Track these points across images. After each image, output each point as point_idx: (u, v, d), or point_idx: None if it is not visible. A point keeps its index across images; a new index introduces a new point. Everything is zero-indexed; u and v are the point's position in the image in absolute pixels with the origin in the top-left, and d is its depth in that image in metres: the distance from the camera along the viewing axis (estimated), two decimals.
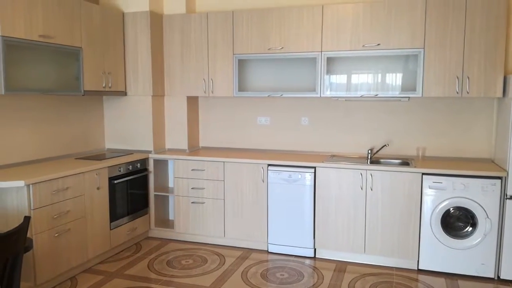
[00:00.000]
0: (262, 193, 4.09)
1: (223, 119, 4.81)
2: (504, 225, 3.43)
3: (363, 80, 4.14)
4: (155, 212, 4.54)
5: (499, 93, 3.60)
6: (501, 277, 3.50)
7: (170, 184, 4.81)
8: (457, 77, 3.67)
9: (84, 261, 3.62)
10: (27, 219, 1.99)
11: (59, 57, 3.65)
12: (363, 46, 3.87)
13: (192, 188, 4.32)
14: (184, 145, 4.65)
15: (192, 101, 4.74)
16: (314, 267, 3.81)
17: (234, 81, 4.33)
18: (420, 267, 3.70)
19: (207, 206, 4.29)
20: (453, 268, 3.60)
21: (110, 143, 4.66)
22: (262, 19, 4.16)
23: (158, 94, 4.52)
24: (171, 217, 4.82)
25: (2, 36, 3.04)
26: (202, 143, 4.93)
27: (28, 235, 3.03)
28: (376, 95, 3.93)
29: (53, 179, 3.23)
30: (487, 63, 3.60)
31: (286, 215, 4.02)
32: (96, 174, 3.71)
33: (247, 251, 4.17)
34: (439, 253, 3.61)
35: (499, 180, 3.44)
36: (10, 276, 1.97)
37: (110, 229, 3.90)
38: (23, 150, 3.66)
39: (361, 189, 3.77)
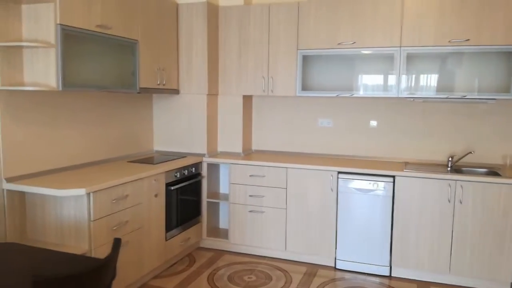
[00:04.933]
0: (330, 203, 3.69)
1: (279, 121, 4.43)
2: None
3: (443, 80, 3.72)
4: (207, 221, 4.18)
5: None
6: None
7: (221, 190, 4.44)
8: None
9: (140, 277, 3.26)
10: (118, 241, 1.63)
11: (116, 51, 3.30)
12: (449, 41, 3.46)
13: (250, 196, 3.94)
14: (238, 148, 4.28)
15: (246, 101, 4.36)
16: (392, 287, 3.41)
17: (298, 80, 3.94)
18: None
19: (267, 216, 3.90)
20: None
21: (158, 145, 4.31)
22: (332, 11, 3.77)
23: (212, 93, 4.16)
24: (221, 226, 4.45)
25: (60, 24, 2.70)
26: (254, 146, 4.55)
27: (87, 249, 2.70)
28: (464, 96, 3.50)
29: (113, 186, 2.87)
30: None
31: (358, 228, 3.63)
32: (154, 180, 3.35)
33: (313, 267, 3.77)
34: None
35: None
36: None
37: (166, 240, 3.55)
38: (75, 152, 3.32)
39: (449, 201, 3.35)
